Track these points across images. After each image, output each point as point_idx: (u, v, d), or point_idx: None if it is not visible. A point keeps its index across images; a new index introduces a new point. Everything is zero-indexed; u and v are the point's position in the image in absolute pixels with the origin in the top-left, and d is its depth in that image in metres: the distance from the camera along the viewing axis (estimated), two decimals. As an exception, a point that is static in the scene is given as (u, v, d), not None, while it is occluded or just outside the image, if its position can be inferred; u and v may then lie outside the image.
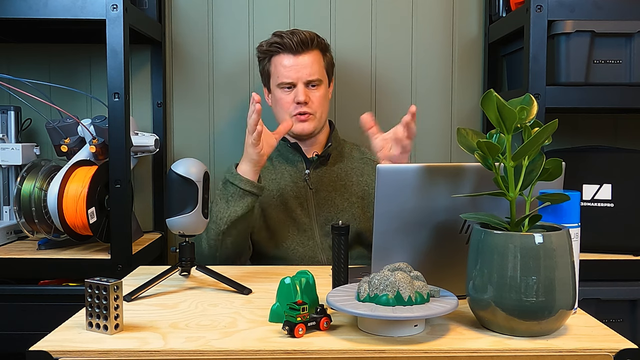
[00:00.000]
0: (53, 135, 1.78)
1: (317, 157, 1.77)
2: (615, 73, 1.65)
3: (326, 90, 1.78)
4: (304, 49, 1.72)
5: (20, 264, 1.61)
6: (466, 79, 2.11)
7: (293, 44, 1.71)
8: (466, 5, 2.09)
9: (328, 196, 1.75)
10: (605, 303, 1.64)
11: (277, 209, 1.73)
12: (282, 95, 1.74)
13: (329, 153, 1.79)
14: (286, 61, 1.72)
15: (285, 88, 1.74)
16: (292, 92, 1.73)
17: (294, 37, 1.71)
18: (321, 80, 1.75)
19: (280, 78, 1.73)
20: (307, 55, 1.73)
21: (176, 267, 1.29)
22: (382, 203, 1.08)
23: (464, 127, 1.06)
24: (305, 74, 1.72)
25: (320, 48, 1.77)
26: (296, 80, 1.72)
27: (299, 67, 1.72)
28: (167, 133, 2.07)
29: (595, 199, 1.72)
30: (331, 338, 0.98)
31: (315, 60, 1.74)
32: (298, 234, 1.71)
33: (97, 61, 2.05)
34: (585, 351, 0.95)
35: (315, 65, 1.73)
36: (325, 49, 1.79)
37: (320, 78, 1.74)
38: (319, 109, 1.74)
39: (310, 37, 1.73)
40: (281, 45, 1.72)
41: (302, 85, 1.72)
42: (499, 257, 0.96)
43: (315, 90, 1.74)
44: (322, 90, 1.75)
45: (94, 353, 0.93)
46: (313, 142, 1.80)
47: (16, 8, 1.54)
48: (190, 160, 1.27)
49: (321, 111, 1.75)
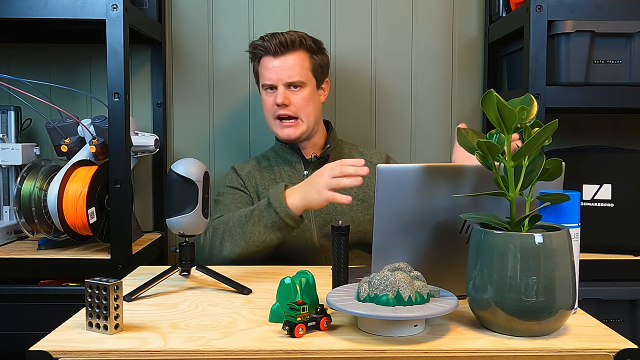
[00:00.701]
0: (53, 135, 1.78)
1: (315, 159, 1.76)
2: (615, 73, 1.65)
3: (312, 92, 1.76)
4: (283, 51, 1.72)
5: (20, 264, 1.61)
6: (466, 79, 2.11)
7: (272, 46, 1.71)
8: (466, 5, 2.09)
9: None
10: (605, 303, 1.64)
11: None
12: (265, 96, 1.77)
13: (327, 154, 1.79)
14: (268, 63, 1.74)
15: (267, 89, 1.75)
16: (274, 93, 1.74)
17: (273, 39, 1.72)
18: (304, 82, 1.73)
19: (262, 80, 1.76)
20: (288, 56, 1.72)
21: (176, 267, 1.29)
22: (382, 203, 1.08)
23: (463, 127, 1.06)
24: (285, 75, 1.72)
25: (307, 49, 1.75)
26: (276, 82, 1.72)
27: (278, 68, 1.72)
28: (167, 133, 2.07)
29: (595, 199, 1.72)
30: (331, 338, 0.98)
31: (298, 61, 1.73)
32: (296, 236, 1.70)
33: (97, 61, 2.05)
34: (585, 351, 0.95)
35: (297, 67, 1.72)
36: (314, 50, 1.77)
37: (303, 80, 1.73)
38: (303, 111, 1.73)
39: (290, 38, 1.72)
40: (262, 47, 1.74)
41: (282, 87, 1.72)
42: (499, 257, 0.96)
43: (297, 92, 1.73)
44: (306, 92, 1.74)
45: (94, 353, 0.93)
46: (311, 143, 1.80)
47: (16, 8, 1.54)
48: (190, 160, 1.27)
49: (306, 113, 1.74)
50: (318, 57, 1.79)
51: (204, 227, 1.29)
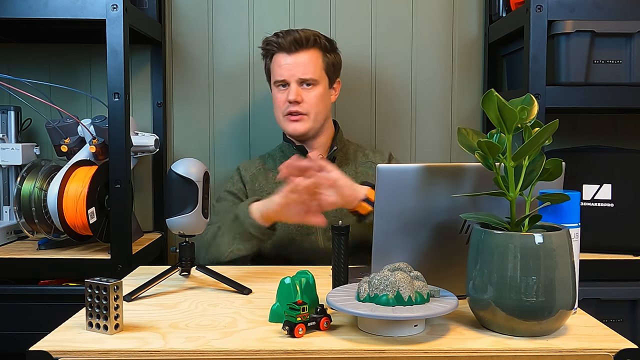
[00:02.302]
0: (53, 135, 1.78)
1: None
2: (615, 73, 1.65)
3: (324, 91, 1.76)
4: (298, 48, 1.71)
5: (20, 264, 1.61)
6: (466, 79, 2.11)
7: (286, 42, 1.71)
8: (466, 5, 2.09)
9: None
10: (605, 303, 1.64)
11: None
12: (277, 93, 1.75)
13: (334, 156, 1.78)
14: (282, 60, 1.73)
15: (280, 86, 1.74)
16: (286, 90, 1.73)
17: (288, 36, 1.71)
18: (317, 80, 1.73)
19: (275, 76, 1.75)
20: (302, 54, 1.72)
21: (176, 267, 1.29)
22: (382, 203, 1.08)
23: (464, 127, 1.06)
24: (299, 72, 1.71)
25: (321, 47, 1.75)
26: (289, 78, 1.72)
27: (292, 65, 1.71)
28: (167, 133, 2.07)
29: (595, 199, 1.72)
30: (331, 338, 0.98)
31: (312, 59, 1.73)
32: (300, 237, 1.70)
33: (97, 61, 2.05)
34: (585, 351, 0.95)
35: (311, 64, 1.72)
36: (328, 49, 1.77)
37: (316, 78, 1.73)
38: (314, 109, 1.73)
39: (305, 36, 1.72)
40: (277, 44, 1.73)
41: (295, 84, 1.71)
42: (499, 257, 0.96)
43: (310, 89, 1.73)
44: (319, 90, 1.74)
45: (94, 353, 0.93)
46: (318, 142, 1.79)
47: (16, 8, 1.54)
48: (190, 160, 1.27)
49: (316, 112, 1.73)
50: (331, 56, 1.78)
51: (204, 227, 1.29)
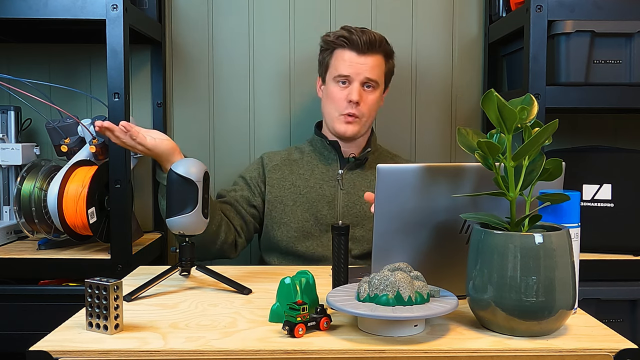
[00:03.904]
0: (53, 135, 1.78)
1: (353, 159, 1.75)
2: (615, 73, 1.65)
3: (380, 96, 1.75)
4: (369, 49, 1.70)
5: (20, 264, 1.61)
6: (466, 79, 2.11)
7: (361, 42, 1.68)
8: (466, 5, 2.09)
9: (358, 200, 1.72)
10: (605, 303, 1.64)
11: (302, 206, 1.72)
12: (335, 89, 1.72)
13: (366, 157, 1.77)
14: (349, 57, 1.70)
15: (340, 82, 1.71)
16: (347, 89, 1.70)
17: (363, 35, 1.69)
18: (378, 83, 1.73)
19: (339, 70, 1.71)
20: (370, 56, 1.70)
21: (176, 267, 1.29)
22: (382, 203, 1.08)
23: (464, 127, 1.06)
24: (367, 72, 1.69)
25: (385, 53, 1.75)
26: (355, 76, 1.69)
27: (359, 64, 1.69)
28: (167, 133, 2.07)
29: (595, 199, 1.72)
30: (331, 338, 0.98)
31: (377, 63, 1.72)
32: (320, 234, 1.69)
33: (97, 61, 2.05)
34: (585, 351, 0.95)
35: (377, 68, 1.71)
36: (389, 56, 1.77)
37: (378, 81, 1.72)
38: (368, 113, 1.72)
39: (379, 39, 1.71)
40: (348, 40, 1.70)
41: (358, 83, 1.69)
42: (499, 257, 0.96)
43: (370, 92, 1.71)
44: (377, 94, 1.73)
45: (94, 353, 0.93)
46: (353, 143, 1.77)
47: (16, 8, 1.54)
48: (190, 160, 1.27)
49: (369, 115, 1.73)
50: (390, 62, 1.78)
51: (204, 227, 1.29)
